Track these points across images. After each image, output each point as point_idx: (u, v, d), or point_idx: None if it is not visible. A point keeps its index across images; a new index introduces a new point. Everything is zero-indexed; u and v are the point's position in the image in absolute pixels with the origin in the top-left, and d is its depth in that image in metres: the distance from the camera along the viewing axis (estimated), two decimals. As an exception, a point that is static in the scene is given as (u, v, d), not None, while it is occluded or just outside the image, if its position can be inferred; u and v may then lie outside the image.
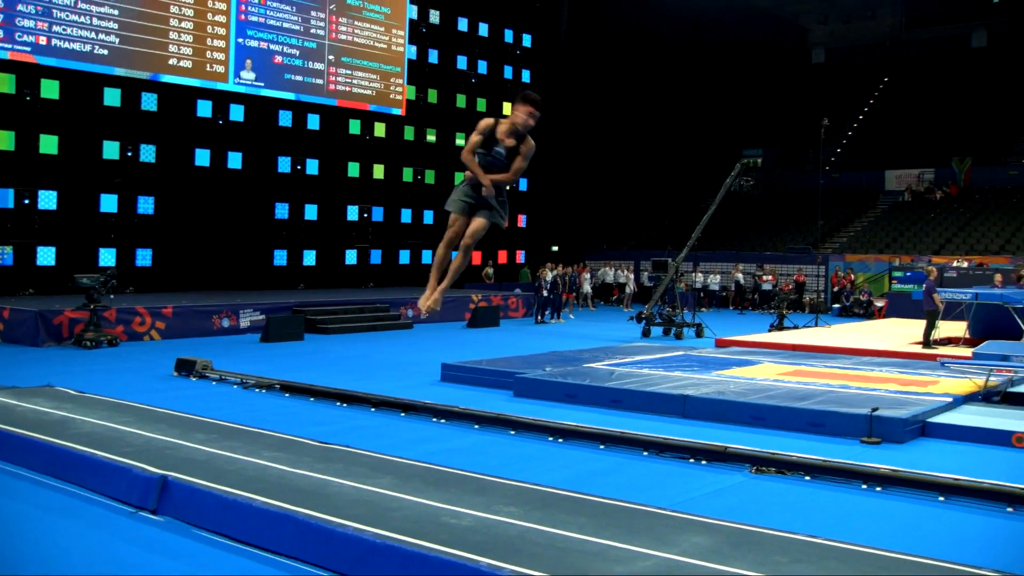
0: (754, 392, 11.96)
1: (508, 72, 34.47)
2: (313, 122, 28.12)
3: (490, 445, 10.06)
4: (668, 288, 23.29)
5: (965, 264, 28.90)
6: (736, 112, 44.66)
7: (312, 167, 28.14)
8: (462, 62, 32.79)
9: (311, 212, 28.19)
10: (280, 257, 27.48)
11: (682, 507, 7.17)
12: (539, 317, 26.09)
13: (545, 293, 25.95)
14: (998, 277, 21.10)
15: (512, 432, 10.62)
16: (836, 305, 31.29)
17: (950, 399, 11.64)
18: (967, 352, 14.66)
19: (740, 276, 33.02)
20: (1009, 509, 7.74)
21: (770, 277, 32.39)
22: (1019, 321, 17.19)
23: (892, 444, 10.10)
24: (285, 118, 27.37)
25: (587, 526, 6.35)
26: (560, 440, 10.23)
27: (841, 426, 10.47)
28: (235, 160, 26.03)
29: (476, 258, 32.34)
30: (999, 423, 10.61)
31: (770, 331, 22.60)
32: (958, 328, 20.19)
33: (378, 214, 30.12)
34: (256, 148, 26.56)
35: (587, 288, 32.05)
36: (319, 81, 28.02)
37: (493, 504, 6.85)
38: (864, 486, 8.42)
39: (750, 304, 32.58)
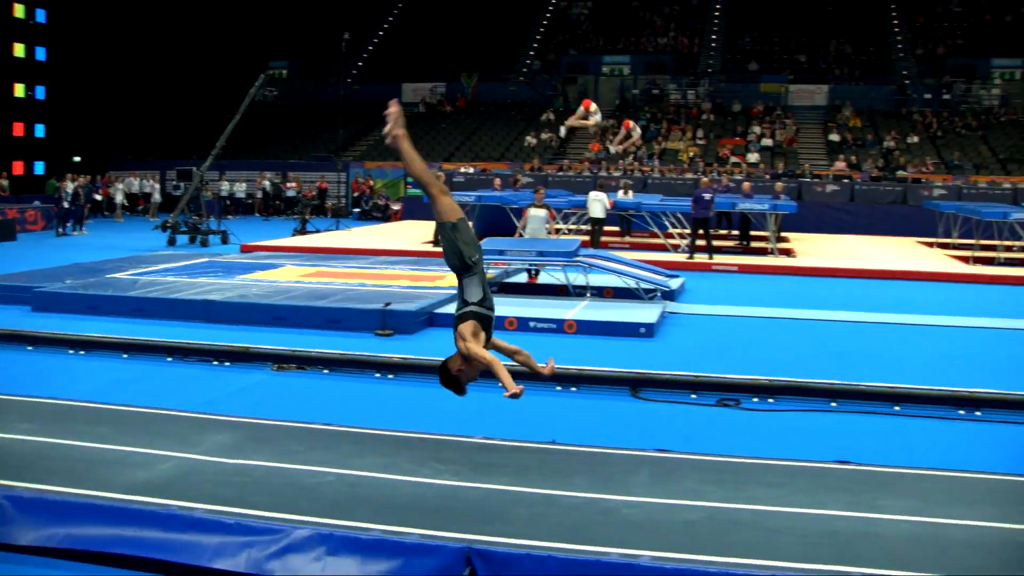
0: (276, 294, 12.36)
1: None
2: None
3: (5, 363, 9.52)
4: (193, 196, 22.90)
5: (471, 170, 31.43)
6: (262, 25, 43.99)
7: None
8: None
9: None
10: None
11: (205, 408, 7.43)
12: (60, 229, 24.45)
13: (66, 205, 24.40)
14: (497, 181, 23.36)
15: (30, 348, 10.15)
16: (356, 209, 32.55)
17: (455, 291, 12.90)
18: (469, 249, 16.17)
19: (266, 183, 33.09)
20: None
21: (294, 184, 32.84)
22: (514, 219, 19.28)
23: (404, 335, 11.06)
24: None
25: (107, 435, 6.40)
26: (81, 352, 9.97)
27: (357, 321, 11.26)
28: None
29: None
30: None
31: (293, 235, 23.12)
32: (465, 228, 22.10)
33: None
34: None
35: (120, 198, 30.41)
36: None
37: (7, 423, 6.62)
38: (378, 375, 9.23)
39: (275, 210, 32.82)
